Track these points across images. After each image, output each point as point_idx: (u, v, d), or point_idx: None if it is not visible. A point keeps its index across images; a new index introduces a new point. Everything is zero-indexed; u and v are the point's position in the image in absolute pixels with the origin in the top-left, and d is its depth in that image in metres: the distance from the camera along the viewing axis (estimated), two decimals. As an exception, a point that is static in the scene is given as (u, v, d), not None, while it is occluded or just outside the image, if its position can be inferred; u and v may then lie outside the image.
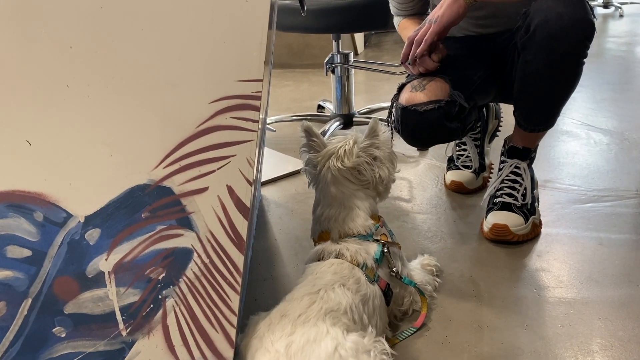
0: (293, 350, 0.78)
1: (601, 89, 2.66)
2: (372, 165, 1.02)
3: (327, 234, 1.02)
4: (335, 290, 0.89)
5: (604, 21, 4.84)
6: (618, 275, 1.21)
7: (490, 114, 1.69)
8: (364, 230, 1.02)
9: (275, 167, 1.86)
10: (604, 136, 2.04)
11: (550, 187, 1.65)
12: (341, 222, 1.01)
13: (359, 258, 0.97)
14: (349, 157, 1.01)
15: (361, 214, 1.02)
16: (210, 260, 0.78)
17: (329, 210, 1.02)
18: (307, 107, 2.58)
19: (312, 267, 0.98)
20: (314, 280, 0.92)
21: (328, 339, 0.80)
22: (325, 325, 0.82)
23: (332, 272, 0.94)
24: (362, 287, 0.93)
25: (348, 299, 0.89)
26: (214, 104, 0.73)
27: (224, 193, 0.76)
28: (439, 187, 1.70)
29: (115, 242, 0.76)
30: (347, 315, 0.87)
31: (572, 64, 1.19)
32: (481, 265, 1.28)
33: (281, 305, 0.88)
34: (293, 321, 0.82)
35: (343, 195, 1.01)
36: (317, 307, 0.85)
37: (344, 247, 0.99)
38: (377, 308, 0.96)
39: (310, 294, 0.88)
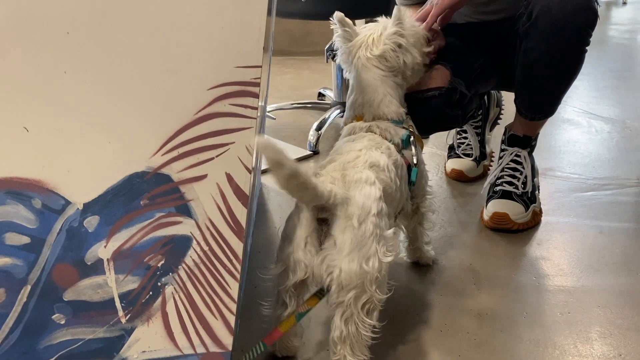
0: (347, 180, 0.86)
1: (603, 77, 2.65)
2: (397, 52, 1.04)
3: (360, 118, 1.05)
4: (374, 151, 0.94)
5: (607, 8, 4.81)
6: (618, 264, 1.21)
7: (491, 102, 1.68)
8: (397, 116, 1.05)
9: (275, 155, 1.85)
10: (606, 124, 2.03)
11: (551, 175, 1.64)
12: (376, 107, 1.04)
13: (387, 134, 1.01)
14: (377, 45, 1.04)
15: (394, 101, 1.05)
16: (209, 247, 0.78)
17: (363, 97, 1.05)
18: (307, 95, 2.57)
19: (346, 138, 1.02)
20: (353, 144, 0.97)
21: (377, 185, 0.87)
22: (372, 173, 0.89)
23: (367, 139, 0.98)
24: (393, 154, 0.98)
25: (385, 159, 0.94)
26: (213, 91, 0.73)
27: (223, 181, 0.76)
28: (439, 176, 1.69)
29: (114, 229, 0.76)
30: (385, 172, 0.92)
31: (575, 51, 1.18)
32: (481, 253, 1.28)
33: (328, 157, 0.95)
34: (343, 165, 0.90)
35: (374, 82, 1.04)
36: (363, 160, 0.91)
37: (375, 124, 1.02)
38: (404, 177, 1.01)
39: (354, 151, 0.93)
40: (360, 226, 0.82)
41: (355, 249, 0.82)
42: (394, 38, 1.04)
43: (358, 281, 0.82)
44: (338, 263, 0.82)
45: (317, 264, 0.84)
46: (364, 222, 0.82)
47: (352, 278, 0.82)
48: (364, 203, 0.84)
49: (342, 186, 0.85)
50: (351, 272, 0.81)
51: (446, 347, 0.98)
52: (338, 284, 0.82)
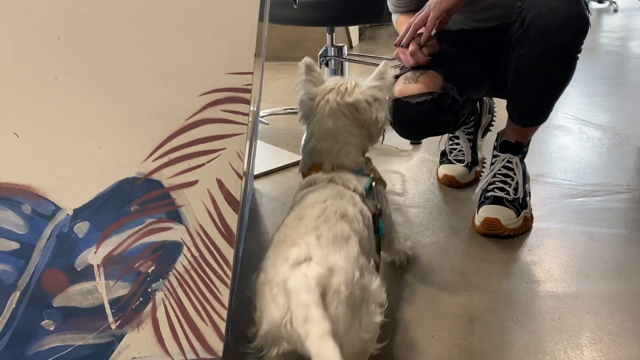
0: (324, 242, 0.79)
1: (595, 84, 2.67)
2: (372, 106, 1.02)
3: (318, 167, 1.02)
4: (339, 200, 0.90)
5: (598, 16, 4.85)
6: (608, 270, 1.21)
7: (483, 109, 1.69)
8: (356, 165, 1.02)
9: (268, 160, 1.85)
10: (597, 131, 2.05)
11: (542, 181, 1.65)
12: (334, 155, 1.01)
13: (350, 185, 0.98)
14: (350, 94, 1.01)
15: (354, 150, 1.02)
16: (200, 253, 0.78)
17: (323, 144, 1.01)
18: (300, 100, 2.58)
19: (306, 190, 0.97)
20: (316, 194, 0.92)
21: (353, 239, 0.82)
22: (346, 225, 0.84)
23: (329, 189, 0.94)
24: (358, 203, 0.94)
25: (352, 209, 0.90)
26: (204, 97, 0.73)
27: (214, 186, 0.76)
28: (431, 181, 1.70)
29: (104, 235, 0.76)
30: (355, 222, 0.88)
31: (566, 58, 1.19)
32: (472, 259, 1.28)
33: (294, 212, 0.88)
34: (314, 220, 0.83)
35: (338, 129, 1.01)
36: (332, 210, 0.86)
37: (336, 176, 0.99)
38: (370, 227, 0.97)
39: (319, 202, 0.88)
40: (350, 296, 0.76)
41: (349, 321, 0.76)
42: (373, 91, 1.01)
43: (359, 348, 0.79)
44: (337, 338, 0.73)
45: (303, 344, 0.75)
46: (352, 292, 0.76)
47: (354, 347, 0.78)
48: (347, 269, 0.77)
49: (320, 254, 0.77)
50: (352, 343, 0.77)
51: (437, 353, 0.98)
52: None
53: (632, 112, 2.19)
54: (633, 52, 3.42)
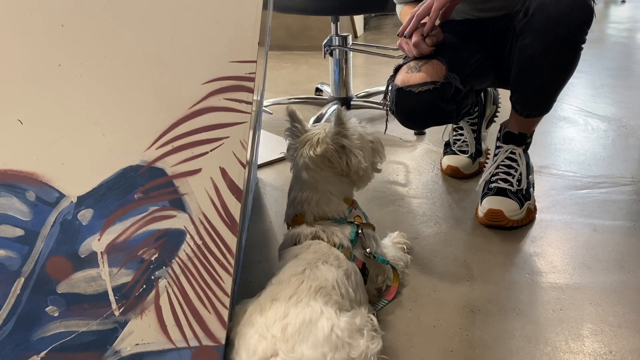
0: (289, 333, 0.78)
1: (600, 75, 2.65)
2: (340, 154, 1.00)
3: (301, 217, 1.02)
4: (319, 268, 0.90)
5: (605, 6, 4.81)
6: (610, 262, 1.21)
7: (488, 99, 1.68)
8: (337, 213, 1.02)
9: (272, 149, 1.85)
10: (602, 122, 2.04)
11: (546, 172, 1.65)
12: (314, 205, 1.01)
13: (334, 239, 0.98)
14: (320, 145, 1.00)
15: (333, 198, 1.02)
16: (203, 242, 0.78)
17: (302, 194, 1.02)
18: (305, 89, 2.57)
19: (290, 251, 0.98)
20: (296, 262, 0.92)
21: (323, 319, 0.80)
22: (318, 304, 0.82)
23: (312, 252, 0.94)
24: (343, 263, 0.94)
25: (333, 274, 0.89)
26: (207, 85, 0.73)
27: (217, 175, 0.76)
28: (435, 172, 1.70)
29: (108, 222, 0.76)
30: (335, 290, 0.87)
31: (570, 48, 1.18)
32: (475, 249, 1.28)
33: (269, 289, 0.88)
34: (285, 303, 0.82)
35: (314, 181, 1.01)
36: (307, 286, 0.85)
37: (320, 229, 0.99)
38: (359, 283, 0.97)
39: (296, 275, 0.88)
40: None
41: None
42: (335, 139, 0.99)
43: None
44: None
45: None
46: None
47: None
48: (316, 357, 0.76)
49: (285, 347, 0.76)
50: None
51: (438, 343, 0.99)
52: None
53: (638, 104, 2.18)
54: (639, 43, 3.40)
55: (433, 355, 0.96)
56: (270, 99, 2.32)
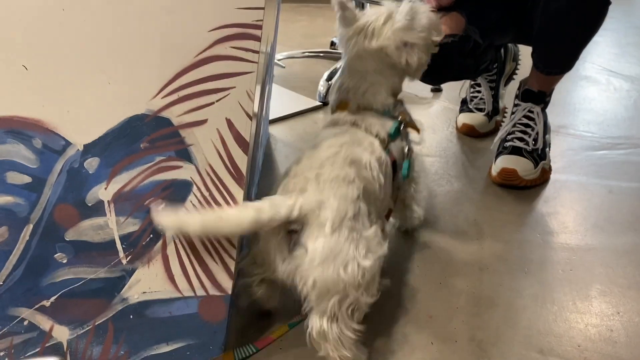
0: (322, 180, 0.80)
1: (627, 33, 2.56)
2: (401, 51, 0.94)
3: (345, 104, 0.99)
4: (356, 147, 0.88)
5: (637, -39, 4.59)
6: (624, 224, 1.19)
7: (508, 56, 1.63)
8: (383, 106, 0.98)
9: (284, 105, 1.83)
10: (625, 82, 1.98)
11: (564, 132, 1.61)
12: (361, 94, 0.97)
13: (372, 129, 0.95)
14: (377, 37, 0.93)
15: (382, 90, 0.98)
16: (209, 193, 0.78)
17: (350, 81, 0.98)
18: (320, 43, 2.52)
19: (328, 130, 0.96)
20: (333, 138, 0.90)
21: (356, 184, 0.82)
22: (352, 170, 0.83)
23: (349, 135, 0.92)
24: (376, 150, 0.92)
25: (367, 157, 0.88)
26: (213, 33, 0.71)
27: (224, 126, 0.75)
28: (450, 130, 1.67)
29: (115, 171, 0.76)
30: (367, 170, 0.87)
31: (597, 4, 1.13)
32: (486, 209, 1.27)
33: (307, 151, 0.89)
34: (322, 160, 0.84)
35: (365, 71, 0.97)
36: (344, 155, 0.85)
37: (360, 118, 0.96)
38: (388, 175, 0.95)
39: (333, 146, 0.87)
40: (334, 232, 0.77)
41: (329, 257, 0.76)
42: (401, 35, 0.93)
43: (338, 288, 0.77)
44: (311, 273, 0.77)
45: (287, 272, 0.81)
46: (338, 228, 0.77)
47: (330, 286, 0.77)
48: (339, 206, 0.78)
49: (315, 188, 0.80)
50: (327, 281, 0.77)
51: (444, 300, 0.99)
52: (316, 294, 0.78)
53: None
54: (671, 0, 3.26)
55: (439, 311, 0.96)
56: (283, 52, 2.28)
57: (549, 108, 1.40)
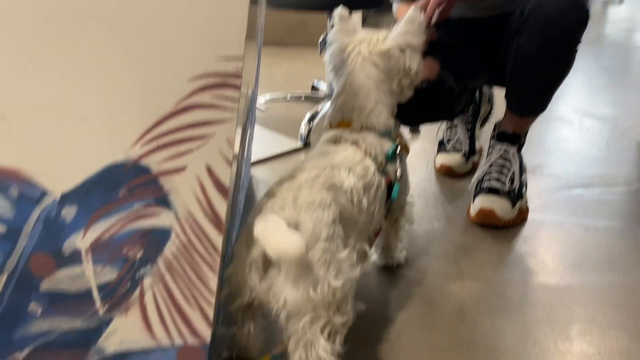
0: (300, 202, 0.82)
1: (598, 75, 2.65)
2: (405, 53, 0.99)
3: (348, 123, 1.00)
4: (341, 172, 0.90)
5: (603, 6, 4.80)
6: (602, 262, 1.21)
7: (483, 98, 1.67)
8: (385, 127, 1.01)
9: (266, 147, 1.84)
10: (597, 122, 2.03)
11: (540, 172, 1.64)
12: (366, 115, 0.99)
13: (372, 151, 0.97)
14: (382, 43, 0.99)
15: (385, 111, 1.01)
16: (188, 240, 0.77)
17: (355, 101, 1.00)
18: (301, 86, 2.56)
19: (325, 146, 0.98)
20: (323, 158, 0.93)
21: (331, 209, 0.83)
22: (329, 195, 0.85)
23: (343, 157, 0.94)
24: (368, 175, 0.93)
25: (350, 182, 0.89)
26: (193, 82, 0.72)
27: (203, 173, 0.75)
28: (429, 170, 1.69)
29: (92, 220, 0.75)
30: (346, 195, 0.88)
31: (566, 49, 1.18)
32: (467, 249, 1.28)
33: (291, 171, 0.91)
34: (300, 183, 0.86)
35: (369, 85, 0.99)
36: (323, 179, 0.87)
37: (362, 137, 0.98)
38: (379, 198, 0.96)
39: (317, 168, 0.89)
40: (307, 253, 0.77)
41: (300, 277, 0.78)
42: (405, 37, 0.99)
43: (307, 307, 0.78)
44: (283, 291, 0.79)
45: (261, 291, 0.81)
46: (312, 249, 0.78)
47: (300, 306, 0.78)
48: (314, 228, 0.80)
49: (292, 209, 0.82)
50: (297, 301, 0.78)
51: (426, 342, 0.99)
52: (287, 313, 0.79)
53: (634, 105, 2.17)
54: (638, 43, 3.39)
55: (422, 354, 0.96)
56: (265, 95, 2.31)
57: (525, 148, 1.43)
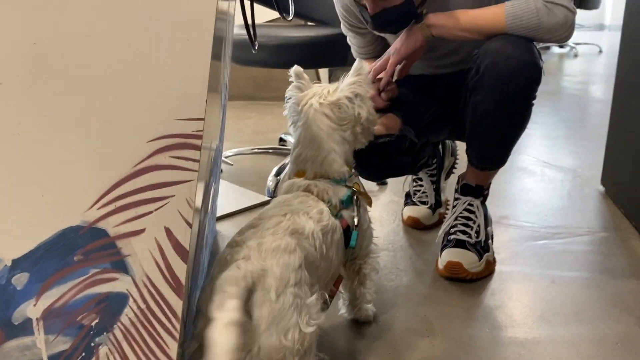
0: (264, 249, 0.82)
1: (556, 127, 2.74)
2: (353, 103, 1.02)
3: (302, 173, 1.03)
4: (300, 217, 0.91)
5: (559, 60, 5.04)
6: (569, 314, 1.21)
7: (446, 151, 1.71)
8: (339, 175, 1.02)
9: (232, 201, 1.83)
10: (558, 173, 2.09)
11: (505, 223, 1.66)
12: (319, 163, 1.02)
13: (324, 195, 0.99)
14: (331, 95, 1.03)
15: (338, 158, 1.03)
16: (146, 305, 0.75)
17: (308, 151, 1.02)
18: (269, 139, 2.58)
19: (279, 198, 1.00)
20: (280, 207, 0.95)
21: (297, 253, 0.84)
22: (293, 240, 0.86)
23: (298, 202, 0.96)
24: (324, 218, 0.95)
25: (311, 226, 0.91)
26: (152, 143, 0.71)
27: (162, 235, 0.73)
28: (396, 223, 1.70)
29: (45, 286, 0.72)
30: (309, 240, 0.89)
31: (521, 105, 1.22)
32: (436, 303, 1.27)
33: (250, 222, 0.92)
34: (262, 230, 0.87)
35: (322, 135, 1.02)
36: (285, 226, 0.88)
37: (313, 184, 1.00)
38: (336, 242, 0.97)
39: (277, 216, 0.91)
40: (279, 298, 0.78)
41: (273, 323, 0.78)
42: (353, 87, 1.03)
43: (279, 355, 0.78)
44: (256, 340, 0.78)
45: None
46: (282, 294, 0.79)
47: (272, 354, 0.78)
48: (282, 273, 0.80)
49: (257, 257, 0.81)
50: (270, 348, 0.78)
51: (397, 405, 0.96)
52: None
53: (592, 155, 2.25)
54: (593, 95, 3.54)
55: (391, 418, 0.93)
56: (233, 149, 2.32)
57: (490, 199, 1.45)
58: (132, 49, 0.69)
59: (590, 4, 4.71)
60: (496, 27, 1.19)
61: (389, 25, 1.25)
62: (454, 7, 1.26)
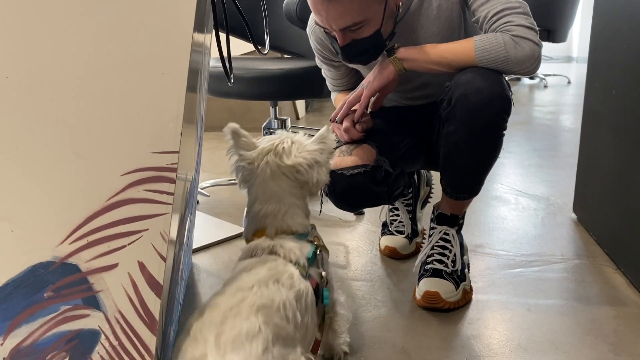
0: (223, 340, 0.75)
1: (529, 155, 2.80)
2: (313, 169, 1.00)
3: (262, 232, 0.99)
4: (269, 287, 0.86)
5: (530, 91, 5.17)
6: (545, 342, 1.22)
7: (421, 181, 1.73)
8: (302, 228, 1.00)
9: (208, 232, 1.81)
10: (532, 201, 2.12)
11: (481, 252, 1.68)
12: (280, 219, 0.98)
13: (292, 256, 0.94)
14: (287, 156, 0.99)
15: (299, 212, 1.01)
16: (119, 342, 0.73)
17: (268, 207, 0.99)
18: (245, 170, 2.57)
19: (244, 263, 0.94)
20: (247, 276, 0.88)
21: (260, 337, 0.77)
22: (258, 321, 0.79)
23: (266, 268, 0.90)
24: (295, 283, 0.90)
25: (282, 295, 0.85)
26: (126, 177, 0.71)
27: (135, 270, 0.72)
28: (374, 252, 1.70)
29: (13, 324, 0.70)
30: (279, 312, 0.83)
31: (492, 136, 1.24)
32: (414, 334, 1.26)
33: (212, 299, 0.84)
34: (224, 312, 0.79)
35: (282, 192, 0.99)
36: (250, 302, 0.81)
37: (278, 244, 0.96)
38: (310, 306, 0.93)
39: (242, 290, 0.84)
40: None
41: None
42: (314, 154, 1.00)
43: None
44: None
45: None
46: None
47: None
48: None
49: (216, 354, 0.74)
50: None
51: None
52: None
53: (564, 183, 2.29)
54: (563, 125, 3.64)
55: None
56: (209, 180, 2.31)
57: (465, 228, 1.47)
58: (107, 82, 0.70)
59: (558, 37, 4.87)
60: (466, 60, 1.22)
61: (358, 57, 1.28)
62: (423, 41, 1.29)
